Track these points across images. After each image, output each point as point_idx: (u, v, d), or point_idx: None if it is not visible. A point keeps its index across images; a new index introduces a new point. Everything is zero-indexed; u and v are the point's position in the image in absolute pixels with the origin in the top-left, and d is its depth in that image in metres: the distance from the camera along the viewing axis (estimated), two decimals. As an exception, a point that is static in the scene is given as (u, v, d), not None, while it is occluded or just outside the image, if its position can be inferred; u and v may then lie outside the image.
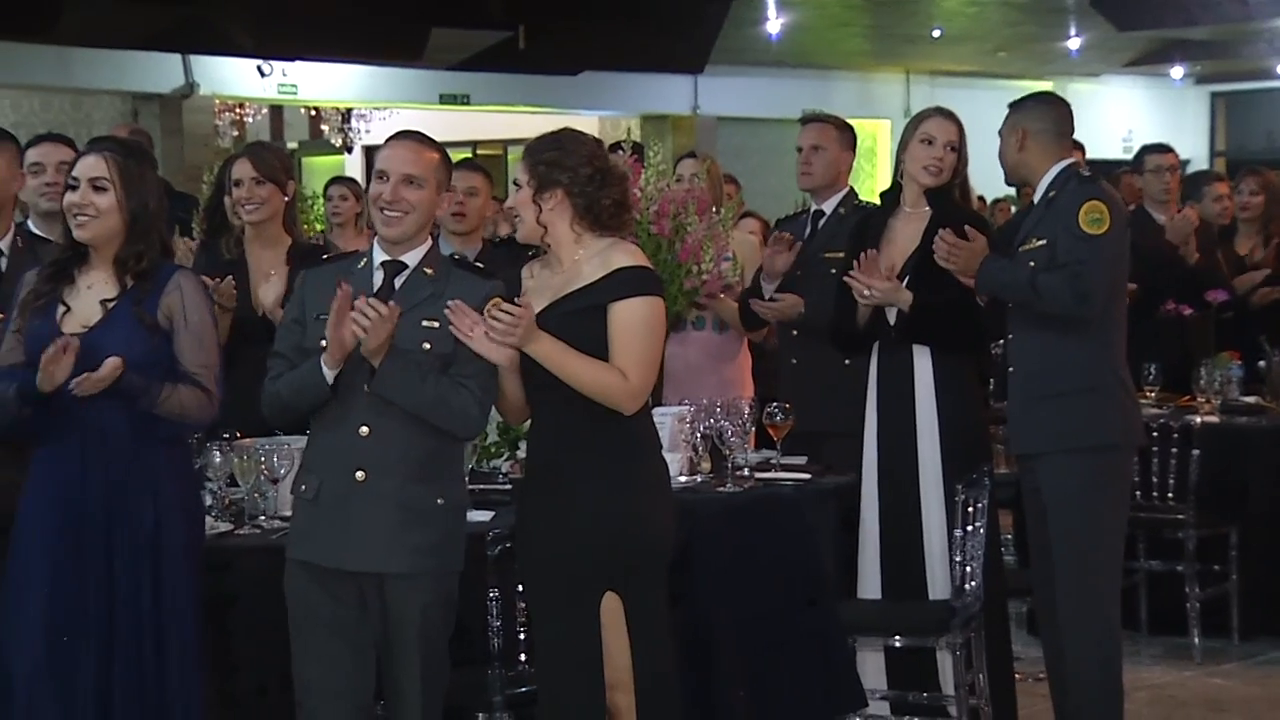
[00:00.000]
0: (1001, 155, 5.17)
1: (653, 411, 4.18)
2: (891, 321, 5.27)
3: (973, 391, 5.39)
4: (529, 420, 4.12)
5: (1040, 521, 5.08)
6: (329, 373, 3.86)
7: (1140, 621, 6.83)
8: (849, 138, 6.10)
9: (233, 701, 4.24)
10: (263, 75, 15.59)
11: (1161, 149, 7.69)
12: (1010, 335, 5.15)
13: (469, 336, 3.83)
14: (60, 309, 3.98)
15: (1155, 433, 6.43)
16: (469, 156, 15.01)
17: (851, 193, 6.08)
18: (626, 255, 3.97)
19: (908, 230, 5.32)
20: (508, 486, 4.77)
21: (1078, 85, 19.47)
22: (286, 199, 5.36)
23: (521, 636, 4.30)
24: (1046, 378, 4.99)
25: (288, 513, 4.25)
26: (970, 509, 4.98)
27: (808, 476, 5.24)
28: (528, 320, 3.83)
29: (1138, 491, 6.39)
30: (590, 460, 3.94)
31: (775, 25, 15.81)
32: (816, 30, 16.66)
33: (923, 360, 5.24)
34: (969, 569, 4.99)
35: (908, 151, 5.32)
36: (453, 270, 4.04)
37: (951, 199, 5.33)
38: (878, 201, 5.67)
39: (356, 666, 3.94)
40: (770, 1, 15.18)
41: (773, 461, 5.30)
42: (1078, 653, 5.00)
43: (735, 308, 6.04)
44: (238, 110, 16.65)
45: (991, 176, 5.38)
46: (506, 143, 19.07)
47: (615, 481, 3.93)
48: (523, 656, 4.32)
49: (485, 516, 4.43)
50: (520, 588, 4.20)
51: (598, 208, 3.97)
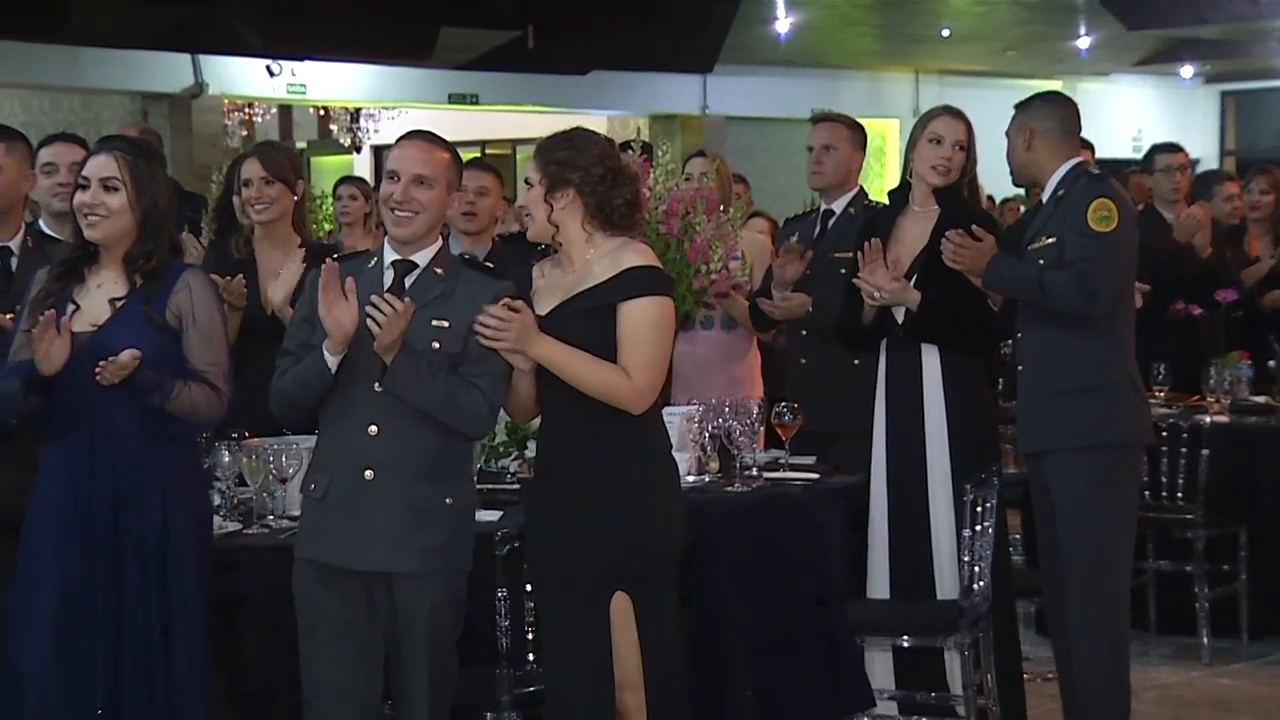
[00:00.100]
0: (1009, 155, 5.17)
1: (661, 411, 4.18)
2: (899, 320, 5.27)
3: (981, 391, 5.39)
4: (537, 419, 4.13)
5: (1049, 520, 5.08)
6: (332, 360, 3.86)
7: (1149, 621, 6.82)
8: (860, 137, 6.10)
9: (241, 700, 4.24)
10: (271, 75, 15.59)
11: (1172, 148, 7.68)
12: (1019, 334, 5.15)
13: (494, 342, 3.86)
14: (70, 308, 3.98)
15: (1164, 432, 6.43)
16: (478, 156, 15.04)
17: (861, 192, 6.08)
18: (637, 255, 3.97)
19: (916, 229, 5.32)
20: (516, 486, 4.78)
21: (1087, 84, 19.45)
22: (296, 198, 5.37)
23: (529, 636, 4.30)
24: (1056, 376, 4.99)
25: (296, 512, 4.25)
26: (979, 509, 4.98)
27: (816, 476, 5.24)
28: (519, 324, 3.84)
29: (1146, 491, 6.38)
30: (600, 460, 3.94)
31: (784, 25, 15.81)
32: (825, 30, 16.66)
33: (931, 359, 5.24)
34: (977, 569, 4.99)
35: (916, 150, 5.32)
36: (463, 270, 4.04)
37: (960, 198, 5.32)
38: (886, 201, 5.67)
39: (364, 666, 3.94)
40: (779, 1, 15.18)
41: (781, 461, 5.30)
42: (1086, 652, 4.99)
43: (746, 306, 6.04)
44: (247, 110, 16.66)
45: (1000, 176, 5.38)
46: (515, 142, 19.08)
47: (625, 481, 3.93)
48: (531, 656, 4.32)
49: (493, 516, 4.43)
50: (529, 587, 4.20)
51: (609, 207, 3.97)
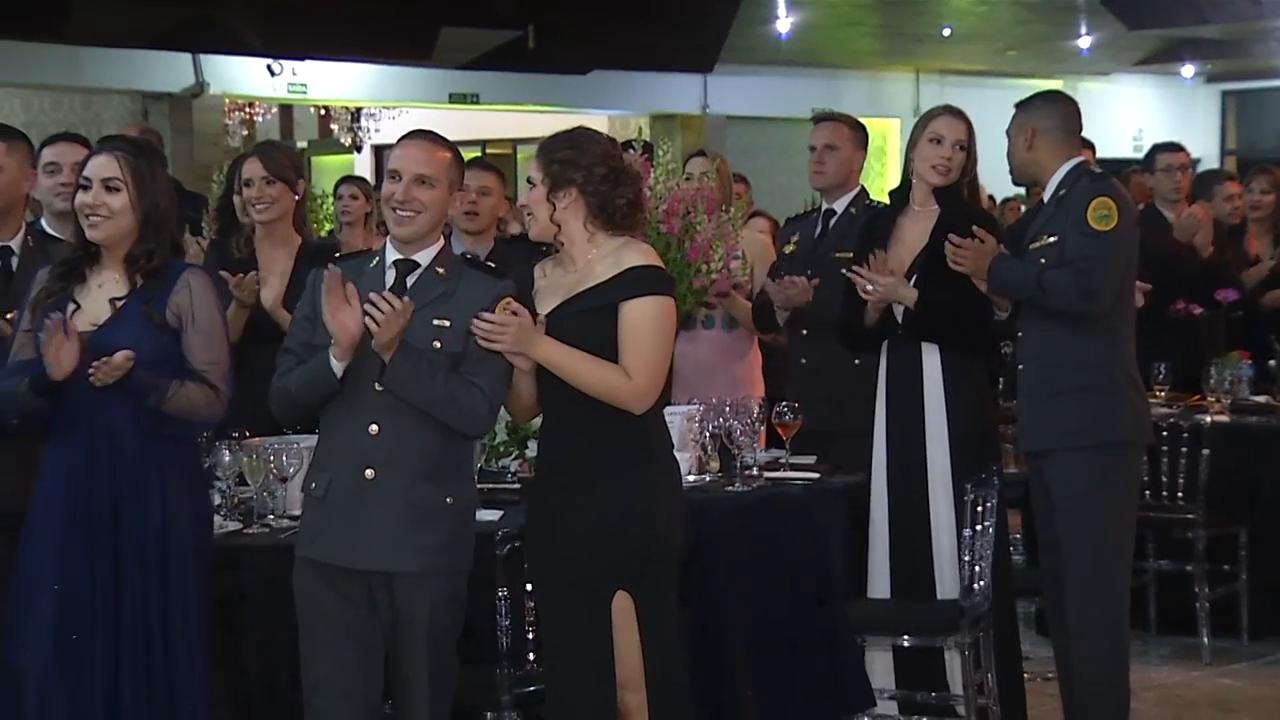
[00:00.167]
0: (1009, 155, 5.17)
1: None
2: (900, 319, 5.27)
3: (982, 390, 5.39)
4: (538, 419, 4.13)
5: (1049, 519, 5.08)
6: (338, 365, 3.87)
7: (1149, 621, 6.83)
8: (861, 137, 6.10)
9: (242, 700, 4.24)
10: (272, 74, 15.59)
11: (1173, 148, 7.68)
12: (1020, 333, 5.15)
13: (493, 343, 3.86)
14: (70, 307, 3.98)
15: (1165, 432, 6.43)
16: (479, 156, 15.05)
17: (863, 192, 6.08)
18: (639, 254, 3.98)
19: (916, 229, 5.32)
20: (516, 486, 4.78)
21: (1088, 84, 19.44)
22: (297, 198, 5.38)
23: (530, 636, 4.30)
24: (1057, 375, 4.99)
25: (297, 511, 4.26)
26: (979, 508, 4.98)
27: (816, 476, 5.24)
28: (518, 325, 3.84)
29: (1147, 491, 6.39)
30: (601, 459, 3.94)
31: (785, 24, 15.80)
32: (826, 29, 16.65)
33: (931, 359, 5.24)
34: (978, 568, 4.99)
35: (916, 150, 5.32)
36: (464, 270, 4.04)
37: (960, 198, 5.32)
38: (887, 200, 5.67)
39: (365, 666, 3.94)
40: (780, 0, 15.18)
41: (782, 461, 5.30)
42: (1086, 652, 4.99)
43: (747, 306, 6.05)
44: (247, 109, 16.67)
45: (1002, 175, 5.38)
46: (516, 142, 19.08)
47: (627, 480, 3.93)
48: (531, 656, 4.32)
49: (494, 516, 4.44)
50: (529, 587, 4.20)
51: (611, 207, 3.97)
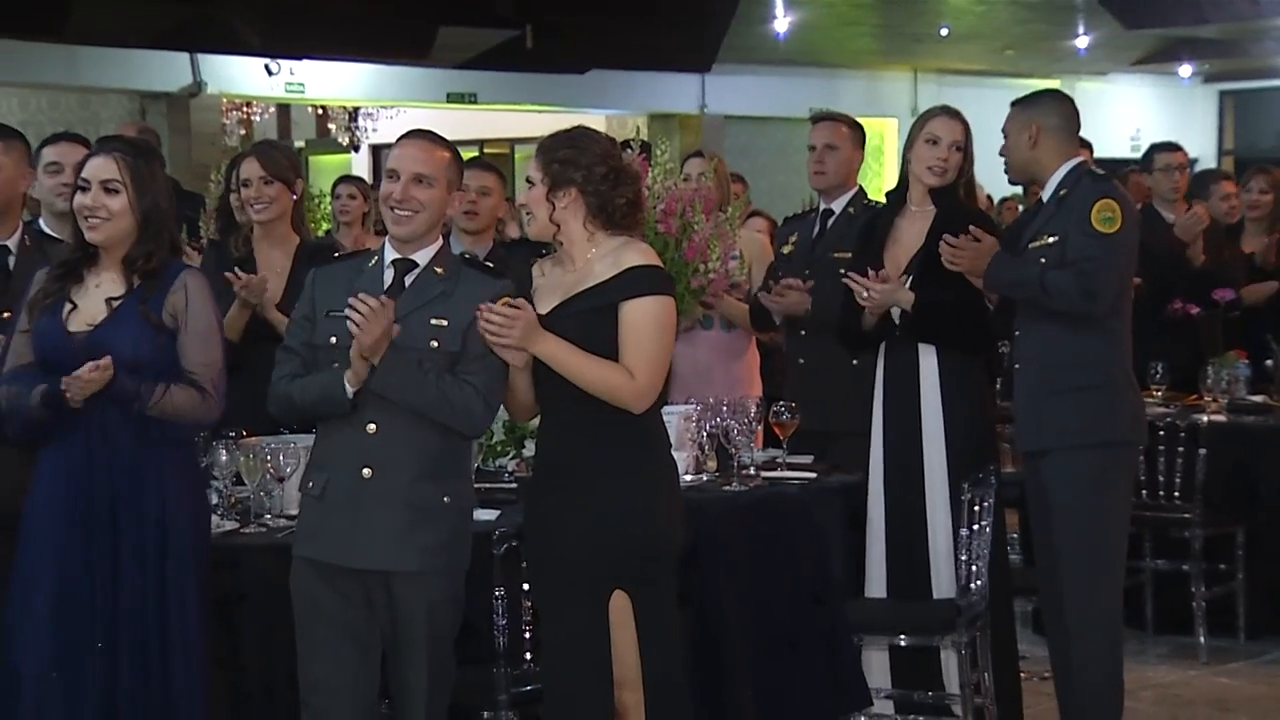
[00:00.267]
0: (1009, 152, 5.15)
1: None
2: (897, 320, 5.27)
3: (979, 390, 5.39)
4: (537, 418, 4.13)
5: (1045, 518, 5.08)
6: (350, 389, 3.86)
7: (1146, 620, 6.83)
8: (859, 136, 6.11)
9: (240, 699, 4.24)
10: (270, 74, 15.59)
11: (1171, 147, 7.69)
12: (1017, 332, 5.15)
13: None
14: (67, 307, 3.98)
15: (1162, 431, 6.44)
16: (477, 155, 15.04)
17: (861, 192, 6.08)
18: (638, 254, 3.98)
19: (913, 229, 5.32)
20: (513, 485, 4.78)
21: (1086, 84, 19.45)
22: (295, 198, 5.38)
23: (527, 635, 4.30)
24: (1058, 374, 5.00)
25: (293, 511, 4.26)
26: (976, 508, 4.98)
27: (813, 476, 5.24)
28: (524, 321, 3.84)
29: (1144, 490, 6.40)
30: (600, 459, 3.94)
31: (783, 24, 15.80)
32: (824, 29, 16.65)
33: (928, 359, 5.24)
34: (975, 568, 4.99)
35: (913, 151, 5.32)
36: (463, 269, 4.05)
37: (956, 198, 5.33)
38: (884, 200, 5.67)
39: (362, 665, 3.94)
40: (778, 0, 15.17)
41: (779, 461, 5.31)
42: (1086, 651, 5.00)
43: (740, 307, 6.05)
44: (245, 109, 16.66)
45: (1001, 175, 5.38)
46: (514, 141, 19.08)
47: (625, 480, 3.93)
48: (528, 655, 4.32)
49: (491, 515, 4.44)
50: (526, 586, 4.21)
51: (611, 206, 3.97)
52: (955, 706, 5.11)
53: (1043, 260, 4.97)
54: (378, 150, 18.64)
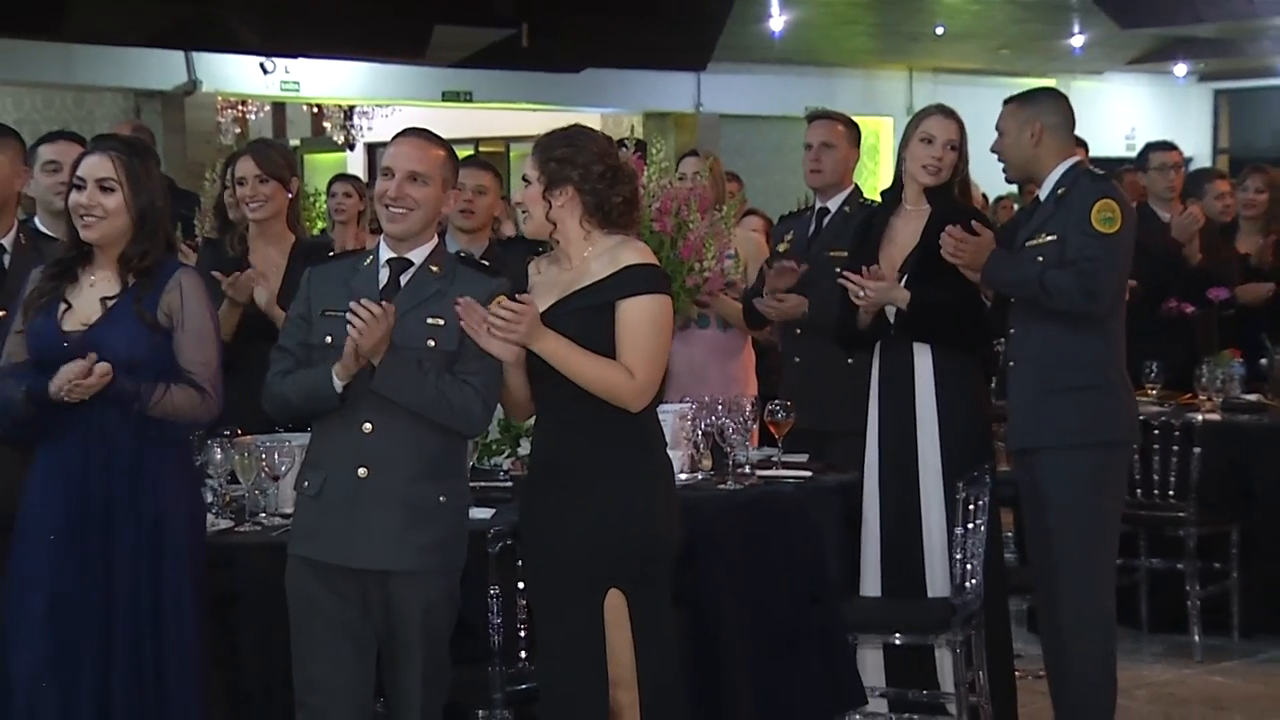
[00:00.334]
0: (1009, 150, 5.14)
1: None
2: (892, 319, 5.27)
3: (975, 389, 5.39)
4: (533, 417, 4.13)
5: (1040, 516, 5.09)
6: (339, 383, 3.86)
7: (1141, 619, 6.84)
8: (855, 135, 6.12)
9: (236, 699, 4.24)
10: (265, 72, 15.59)
11: (1166, 146, 7.69)
12: (1012, 330, 5.16)
13: (476, 332, 3.84)
14: (62, 307, 3.98)
15: (1157, 430, 6.44)
16: (473, 154, 15.04)
17: (856, 190, 6.09)
18: (635, 253, 3.98)
19: (908, 228, 5.32)
20: (509, 484, 4.78)
21: (1081, 83, 19.45)
22: (290, 196, 5.37)
23: (522, 634, 4.30)
24: (1056, 374, 5.00)
25: (289, 510, 4.25)
26: (971, 506, 4.99)
27: (809, 474, 5.24)
28: (530, 317, 3.84)
29: (1139, 489, 6.40)
30: (596, 457, 3.94)
31: (778, 22, 15.80)
32: (820, 27, 16.66)
33: (923, 358, 5.24)
34: (969, 567, 5.00)
35: (908, 150, 5.32)
36: (459, 268, 4.04)
37: (951, 196, 5.33)
38: (879, 199, 5.67)
39: (358, 664, 3.94)
40: (773, -1, 15.20)
41: (774, 459, 5.31)
42: (1082, 649, 5.01)
43: (735, 306, 6.05)
44: (240, 107, 16.66)
45: (996, 173, 5.38)
46: (509, 140, 19.08)
47: (622, 479, 3.93)
48: (523, 654, 4.32)
49: (486, 514, 4.44)
50: (521, 585, 4.21)
51: (608, 205, 3.97)
52: (950, 705, 5.11)
53: (1040, 259, 4.98)
54: (373, 149, 18.64)
